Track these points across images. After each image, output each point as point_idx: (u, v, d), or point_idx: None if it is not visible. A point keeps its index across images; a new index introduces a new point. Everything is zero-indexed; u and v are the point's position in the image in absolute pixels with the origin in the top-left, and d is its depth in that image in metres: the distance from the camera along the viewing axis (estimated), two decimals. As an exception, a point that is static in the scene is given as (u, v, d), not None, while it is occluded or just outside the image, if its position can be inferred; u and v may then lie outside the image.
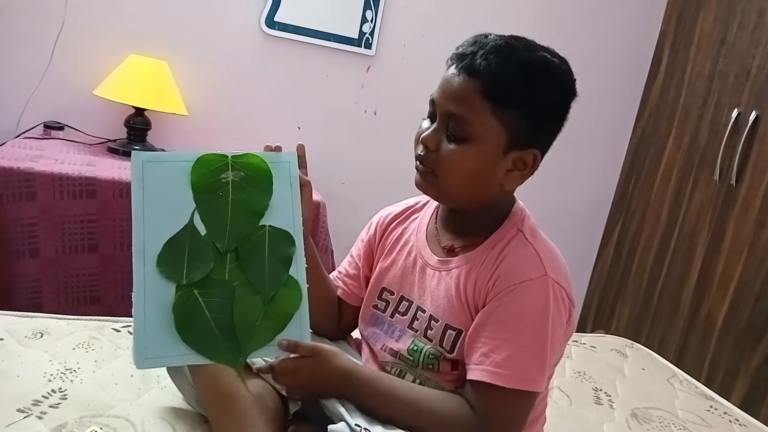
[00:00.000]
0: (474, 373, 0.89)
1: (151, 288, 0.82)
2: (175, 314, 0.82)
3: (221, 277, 0.84)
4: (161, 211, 0.84)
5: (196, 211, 0.85)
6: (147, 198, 0.83)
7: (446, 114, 0.90)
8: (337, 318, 1.12)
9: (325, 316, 1.08)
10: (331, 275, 1.14)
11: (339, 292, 1.12)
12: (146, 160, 0.84)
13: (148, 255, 0.82)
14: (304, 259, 0.88)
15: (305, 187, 0.93)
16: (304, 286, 0.88)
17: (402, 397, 0.90)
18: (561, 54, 0.93)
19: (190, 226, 0.84)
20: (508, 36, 0.92)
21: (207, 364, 0.84)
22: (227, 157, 0.87)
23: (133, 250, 0.82)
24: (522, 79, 0.88)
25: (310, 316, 0.88)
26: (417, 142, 0.94)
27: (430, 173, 0.92)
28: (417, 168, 0.95)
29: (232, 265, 0.85)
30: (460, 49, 0.92)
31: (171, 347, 0.82)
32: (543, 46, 0.93)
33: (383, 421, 0.87)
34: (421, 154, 0.93)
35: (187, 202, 0.85)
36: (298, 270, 0.88)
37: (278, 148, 0.93)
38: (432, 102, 0.93)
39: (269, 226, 0.87)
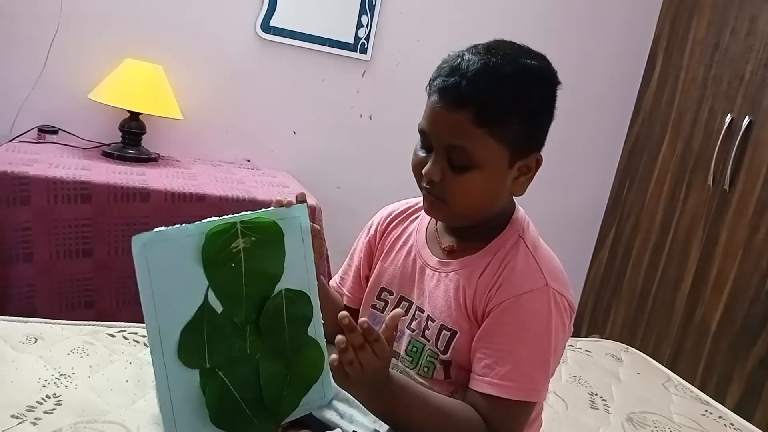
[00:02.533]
0: (479, 385, 0.89)
1: (174, 377, 0.77)
2: (208, 405, 0.79)
3: (243, 352, 0.81)
4: (172, 293, 0.77)
5: (209, 288, 0.79)
6: (155, 283, 0.76)
7: (444, 146, 0.88)
8: None
9: (336, 330, 1.08)
10: (331, 282, 1.14)
11: (345, 300, 1.12)
12: (147, 242, 0.76)
13: (165, 343, 0.77)
14: (321, 314, 0.87)
15: (315, 237, 0.91)
16: (324, 344, 0.87)
17: (432, 402, 0.88)
18: (556, 60, 0.94)
19: (206, 305, 0.78)
20: (484, 51, 0.88)
21: None
22: (236, 224, 0.80)
23: (148, 340, 0.77)
24: (510, 96, 0.86)
25: (325, 333, 0.88)
26: (416, 170, 0.93)
27: (440, 202, 0.91)
28: (425, 197, 0.94)
29: (252, 337, 0.82)
30: (440, 80, 0.88)
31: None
32: (519, 49, 0.92)
33: (408, 428, 0.87)
34: (427, 186, 0.91)
35: (199, 279, 0.78)
36: (317, 329, 0.87)
37: (290, 204, 0.89)
38: (423, 133, 0.91)
39: (285, 289, 0.84)
